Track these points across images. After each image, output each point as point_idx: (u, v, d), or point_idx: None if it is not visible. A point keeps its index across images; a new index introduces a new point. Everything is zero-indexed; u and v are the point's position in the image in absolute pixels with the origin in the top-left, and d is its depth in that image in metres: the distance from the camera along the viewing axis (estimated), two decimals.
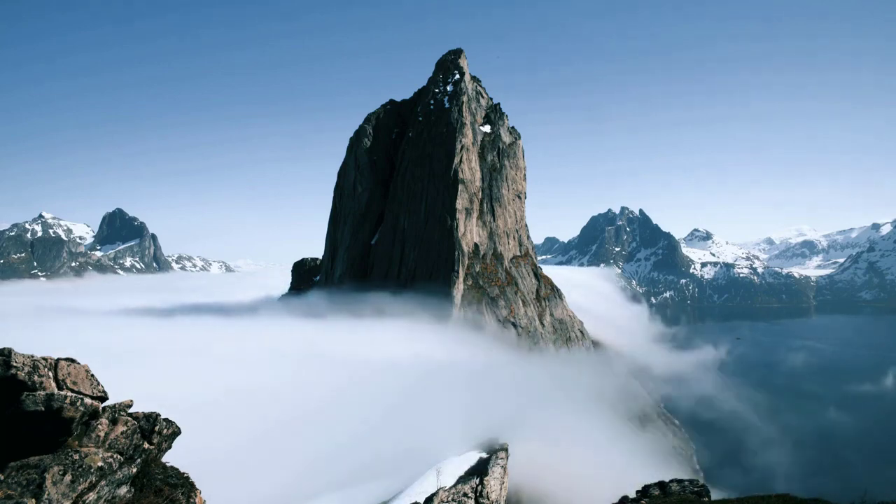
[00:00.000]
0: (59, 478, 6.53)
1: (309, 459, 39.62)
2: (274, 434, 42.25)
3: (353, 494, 34.52)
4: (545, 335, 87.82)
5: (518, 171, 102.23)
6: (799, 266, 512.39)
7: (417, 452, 40.02)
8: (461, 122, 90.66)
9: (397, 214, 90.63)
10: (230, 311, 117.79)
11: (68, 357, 7.73)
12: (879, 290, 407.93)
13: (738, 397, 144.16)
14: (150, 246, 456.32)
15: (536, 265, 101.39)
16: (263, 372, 56.70)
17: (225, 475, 30.28)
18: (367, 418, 47.29)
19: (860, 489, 15.77)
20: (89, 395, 7.57)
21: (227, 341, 75.71)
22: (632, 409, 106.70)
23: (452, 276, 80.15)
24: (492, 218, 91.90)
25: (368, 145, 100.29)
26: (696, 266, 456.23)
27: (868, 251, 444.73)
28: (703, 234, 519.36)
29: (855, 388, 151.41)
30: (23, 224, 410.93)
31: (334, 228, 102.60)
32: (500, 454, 27.51)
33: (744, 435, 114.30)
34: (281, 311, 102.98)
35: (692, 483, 20.63)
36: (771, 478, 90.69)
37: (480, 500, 23.36)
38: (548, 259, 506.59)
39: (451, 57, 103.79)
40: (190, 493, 8.61)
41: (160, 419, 8.72)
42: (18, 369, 6.84)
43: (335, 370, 59.43)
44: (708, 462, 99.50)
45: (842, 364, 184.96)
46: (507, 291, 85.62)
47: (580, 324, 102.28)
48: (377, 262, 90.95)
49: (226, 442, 37.02)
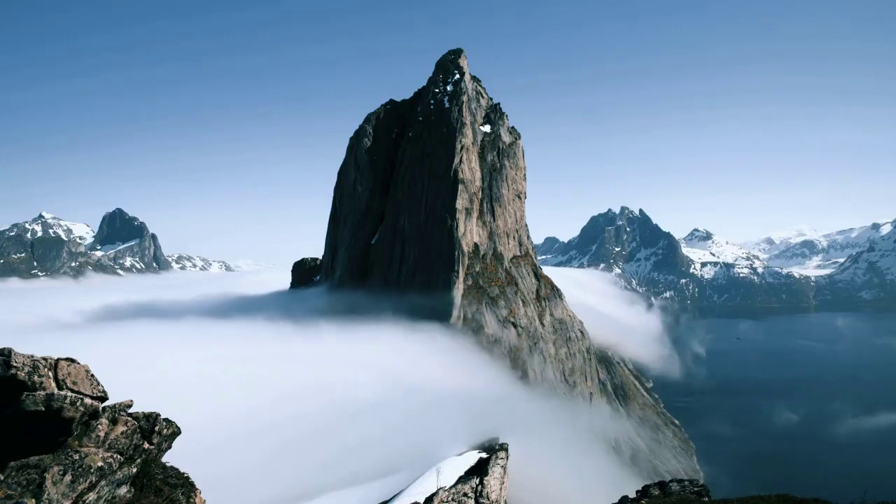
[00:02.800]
0: (59, 478, 6.53)
1: (309, 461, 39.66)
2: (274, 436, 42.24)
3: (354, 495, 34.53)
4: (545, 335, 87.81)
5: (518, 170, 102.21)
6: (799, 266, 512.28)
7: (417, 452, 40.02)
8: (461, 121, 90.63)
9: (397, 214, 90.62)
10: (231, 312, 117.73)
11: (68, 357, 7.73)
12: (879, 290, 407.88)
13: (738, 397, 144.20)
14: (150, 246, 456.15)
15: (536, 265, 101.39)
16: (264, 373, 56.67)
17: (225, 476, 30.29)
18: (367, 421, 47.29)
19: (860, 489, 15.77)
20: (89, 395, 7.57)
21: (227, 343, 75.68)
22: (631, 410, 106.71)
23: (452, 276, 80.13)
24: (492, 218, 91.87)
25: (368, 145, 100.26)
26: (696, 266, 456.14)
27: (868, 251, 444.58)
28: (703, 234, 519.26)
29: (855, 387, 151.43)
30: (23, 224, 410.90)
31: (334, 228, 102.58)
32: (500, 454, 27.49)
33: (744, 435, 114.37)
34: (281, 312, 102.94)
35: (692, 483, 20.63)
36: (771, 478, 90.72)
37: (480, 500, 23.35)
38: (548, 259, 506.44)
39: (451, 57, 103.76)
40: (190, 494, 8.61)
41: (160, 419, 8.72)
42: (18, 369, 6.84)
43: (335, 371, 59.41)
44: (708, 462, 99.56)
45: (842, 364, 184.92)
46: (507, 291, 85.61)
47: (580, 324, 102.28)
48: (377, 261, 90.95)
49: (227, 443, 37.02)
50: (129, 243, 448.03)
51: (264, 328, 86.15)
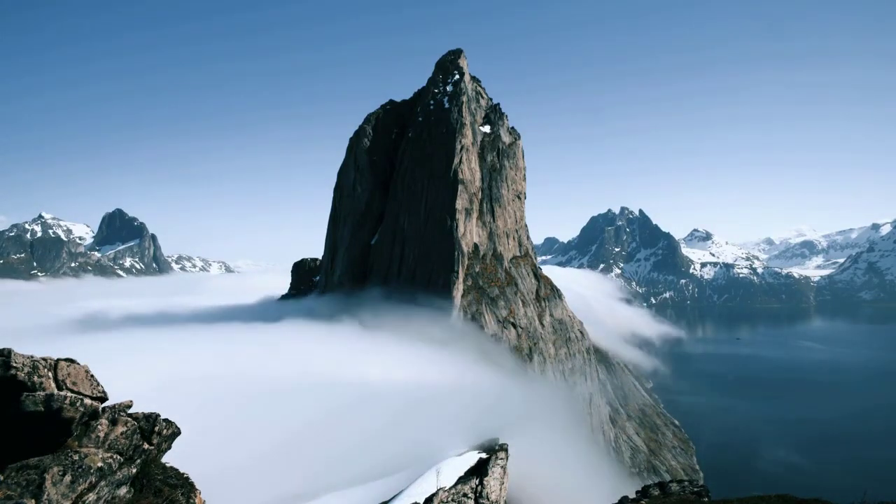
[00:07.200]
0: (58, 478, 6.53)
1: (309, 462, 39.65)
2: (274, 436, 42.23)
3: (354, 495, 34.51)
4: (545, 335, 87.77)
5: (518, 171, 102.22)
6: (799, 266, 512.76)
7: (417, 453, 40.01)
8: (461, 122, 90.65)
9: (397, 215, 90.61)
10: (231, 313, 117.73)
11: (68, 357, 7.73)
12: (879, 290, 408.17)
13: (737, 397, 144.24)
14: (149, 246, 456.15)
15: (536, 265, 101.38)
16: (263, 373, 56.65)
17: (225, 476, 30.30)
18: (367, 421, 47.28)
19: (860, 489, 15.79)
20: (89, 395, 7.57)
21: (226, 343, 75.69)
22: (631, 410, 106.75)
23: (452, 276, 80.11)
24: (491, 218, 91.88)
25: (368, 145, 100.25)
26: (696, 266, 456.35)
27: (868, 251, 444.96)
28: (703, 234, 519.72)
29: (855, 387, 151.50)
30: (22, 224, 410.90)
31: (334, 229, 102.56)
32: (500, 454, 27.48)
33: (744, 435, 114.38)
34: (281, 312, 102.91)
35: (692, 483, 20.65)
36: (771, 478, 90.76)
37: (480, 501, 23.34)
38: (548, 259, 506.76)
39: (451, 57, 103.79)
40: (189, 494, 8.61)
41: (160, 419, 8.72)
42: (18, 370, 6.84)
43: (335, 371, 59.40)
44: (708, 462, 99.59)
45: (842, 364, 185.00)
46: (507, 292, 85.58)
47: (580, 324, 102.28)
48: (377, 262, 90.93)
49: (226, 444, 37.02)
50: (129, 244, 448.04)
51: (264, 328, 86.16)
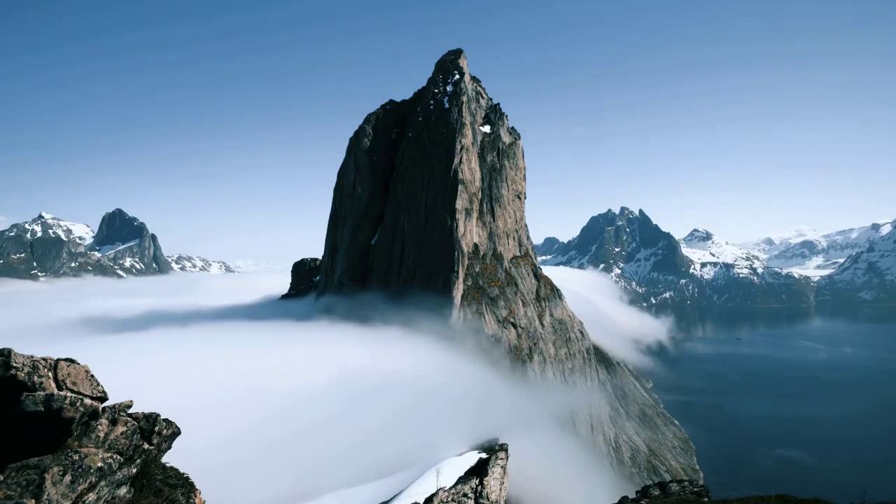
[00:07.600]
0: (58, 478, 6.52)
1: (309, 462, 39.63)
2: (274, 436, 42.21)
3: (354, 495, 34.52)
4: (545, 335, 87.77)
5: (518, 171, 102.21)
6: (799, 266, 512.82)
7: (417, 453, 40.03)
8: (461, 122, 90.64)
9: (397, 215, 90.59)
10: (231, 313, 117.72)
11: (68, 357, 7.73)
12: (879, 291, 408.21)
13: (737, 397, 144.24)
14: (149, 246, 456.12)
15: (536, 265, 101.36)
16: (263, 374, 56.63)
17: (225, 476, 30.28)
18: (367, 421, 47.26)
19: (860, 489, 15.78)
20: (89, 395, 7.57)
21: (226, 343, 75.67)
22: (631, 410, 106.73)
23: (452, 276, 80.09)
24: (491, 218, 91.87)
25: (368, 145, 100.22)
26: (696, 266, 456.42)
27: (868, 251, 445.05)
28: (703, 234, 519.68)
29: (855, 387, 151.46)
30: (22, 224, 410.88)
31: (334, 229, 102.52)
32: (500, 454, 27.48)
33: (744, 435, 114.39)
34: (280, 312, 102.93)
35: (692, 483, 20.65)
36: (771, 478, 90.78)
37: (480, 501, 23.33)
38: (548, 259, 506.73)
39: (451, 57, 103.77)
40: (189, 494, 8.61)
41: (160, 419, 8.71)
42: (18, 370, 6.84)
43: (334, 372, 59.38)
44: (708, 462, 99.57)
45: (842, 364, 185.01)
46: (507, 292, 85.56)
47: (580, 324, 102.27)
48: (377, 262, 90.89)
49: (227, 444, 37.01)
50: (129, 244, 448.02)
51: (264, 328, 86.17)
